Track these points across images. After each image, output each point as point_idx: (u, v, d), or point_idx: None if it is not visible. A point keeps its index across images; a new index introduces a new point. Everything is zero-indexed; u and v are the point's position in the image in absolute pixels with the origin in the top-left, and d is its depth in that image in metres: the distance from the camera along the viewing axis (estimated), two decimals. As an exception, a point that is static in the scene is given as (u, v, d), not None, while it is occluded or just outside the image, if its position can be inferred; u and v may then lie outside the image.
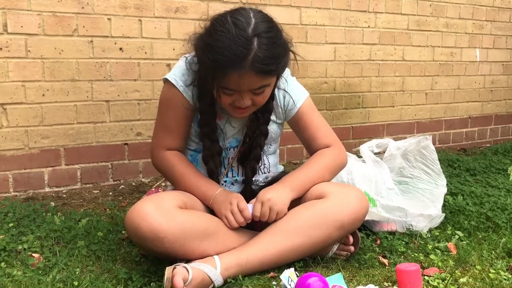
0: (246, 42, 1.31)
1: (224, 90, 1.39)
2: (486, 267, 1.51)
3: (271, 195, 1.46)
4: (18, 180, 2.25)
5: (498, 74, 3.93)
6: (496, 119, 4.02)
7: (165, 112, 1.56)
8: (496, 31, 3.82)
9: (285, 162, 2.95)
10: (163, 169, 1.59)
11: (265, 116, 1.57)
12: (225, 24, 1.33)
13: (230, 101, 1.42)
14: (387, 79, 3.32)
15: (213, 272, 1.33)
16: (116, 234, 1.74)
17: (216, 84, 1.38)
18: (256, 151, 1.59)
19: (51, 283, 1.34)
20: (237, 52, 1.30)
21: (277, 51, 1.36)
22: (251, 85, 1.38)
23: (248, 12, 1.38)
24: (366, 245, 1.67)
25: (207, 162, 1.55)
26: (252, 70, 1.33)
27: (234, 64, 1.31)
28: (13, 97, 2.18)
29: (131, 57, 2.41)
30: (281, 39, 1.39)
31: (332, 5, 2.99)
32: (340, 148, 1.64)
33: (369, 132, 3.29)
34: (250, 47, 1.31)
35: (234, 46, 1.30)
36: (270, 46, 1.34)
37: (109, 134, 2.42)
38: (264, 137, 1.59)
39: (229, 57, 1.31)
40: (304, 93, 1.64)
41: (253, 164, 1.60)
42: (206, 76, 1.40)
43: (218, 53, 1.31)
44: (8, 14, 2.12)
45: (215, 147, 1.54)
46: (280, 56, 1.38)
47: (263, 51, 1.32)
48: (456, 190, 2.32)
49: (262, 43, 1.32)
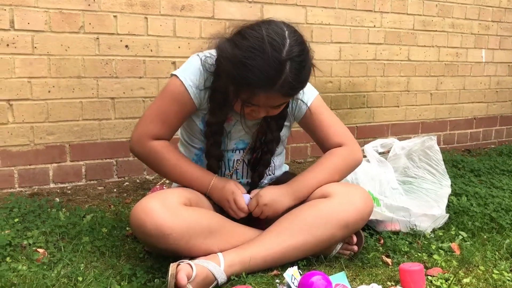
0: (280, 66, 1.29)
1: (246, 103, 1.38)
2: (489, 268, 1.51)
3: (269, 200, 1.48)
4: (23, 175, 2.26)
5: (503, 75, 3.91)
6: (501, 120, 4.00)
7: (167, 104, 1.50)
8: (502, 32, 3.80)
9: (289, 161, 2.95)
10: (150, 159, 1.52)
11: (279, 122, 1.57)
12: (261, 43, 1.29)
13: (248, 111, 1.42)
14: (392, 79, 3.31)
15: (216, 269, 1.34)
16: (121, 230, 1.75)
17: (239, 97, 1.37)
18: (266, 157, 1.59)
19: (56, 278, 1.34)
20: (270, 75, 1.29)
21: (305, 75, 1.37)
22: (274, 103, 1.40)
23: (283, 30, 1.33)
24: (370, 245, 1.67)
25: (208, 159, 1.56)
26: (280, 92, 1.33)
27: (264, 86, 1.31)
28: (19, 93, 2.19)
29: (137, 54, 2.42)
30: (309, 62, 1.38)
31: (337, 5, 2.99)
32: (352, 147, 1.62)
33: (374, 132, 3.29)
34: (282, 71, 1.30)
35: (268, 69, 1.28)
36: (300, 71, 1.33)
37: (114, 131, 2.43)
38: (276, 144, 1.60)
39: (261, 79, 1.29)
40: (313, 92, 1.63)
41: (262, 169, 1.61)
42: (230, 87, 1.38)
43: (250, 72, 1.29)
44: (15, 10, 2.13)
45: (215, 151, 1.54)
46: (306, 80, 1.40)
47: (293, 75, 1.31)
48: (460, 191, 2.32)
49: (293, 67, 1.31)
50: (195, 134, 1.59)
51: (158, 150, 1.50)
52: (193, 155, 1.62)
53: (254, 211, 1.50)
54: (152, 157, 1.52)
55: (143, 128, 1.52)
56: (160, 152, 1.50)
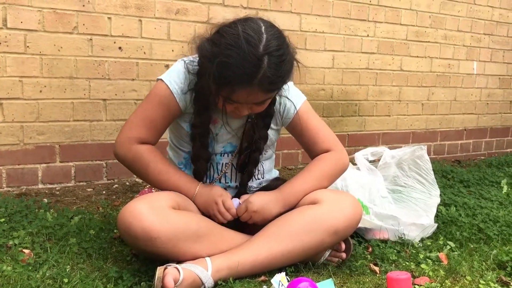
0: (257, 61, 1.29)
1: (227, 100, 1.38)
2: (476, 278, 1.52)
3: (258, 207, 1.48)
4: (12, 175, 2.24)
5: (494, 87, 3.95)
6: (491, 132, 4.04)
7: (153, 107, 1.50)
8: (493, 45, 3.84)
9: (280, 167, 2.96)
10: (135, 163, 1.50)
11: (265, 120, 1.57)
12: (237, 39, 1.29)
13: (231, 109, 1.42)
14: (384, 88, 3.33)
15: (204, 273, 1.33)
16: (108, 233, 1.74)
17: (220, 94, 1.37)
18: (255, 155, 1.58)
19: (41, 280, 1.33)
20: (248, 71, 1.29)
21: (285, 69, 1.36)
22: (256, 100, 1.38)
23: (259, 26, 1.34)
24: (358, 253, 1.68)
25: (195, 163, 1.54)
26: (259, 88, 1.33)
27: (243, 82, 1.31)
28: (10, 92, 2.18)
29: (130, 56, 2.41)
30: (289, 55, 1.38)
31: (332, 13, 3.01)
32: (340, 152, 1.63)
33: (365, 140, 3.30)
34: (260, 65, 1.30)
35: (245, 64, 1.28)
36: (279, 65, 1.33)
37: (104, 132, 2.41)
38: (264, 142, 1.58)
39: (239, 75, 1.29)
40: (301, 97, 1.64)
41: (251, 168, 1.60)
42: (210, 86, 1.38)
43: (228, 69, 1.29)
44: (9, 9, 2.12)
45: (203, 153, 1.53)
46: (286, 73, 1.38)
47: (272, 70, 1.31)
48: (449, 201, 2.33)
49: (271, 62, 1.31)
50: (183, 138, 1.59)
51: (143, 154, 1.49)
52: (181, 158, 1.62)
53: (242, 216, 1.49)
54: (137, 161, 1.50)
55: (128, 132, 1.50)
56: (145, 157, 1.49)
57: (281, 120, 1.63)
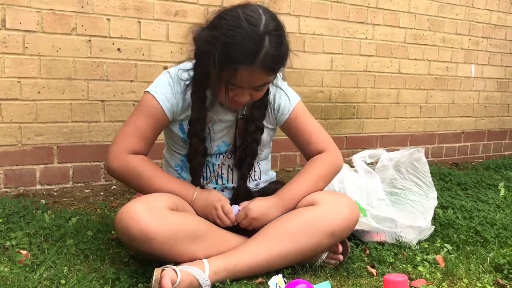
0: (259, 39, 1.32)
1: (228, 85, 1.38)
2: (473, 281, 1.52)
3: (258, 214, 1.48)
4: (9, 176, 2.24)
5: (492, 90, 3.96)
6: (489, 135, 4.05)
7: (142, 117, 1.51)
8: (491, 48, 3.86)
9: (278, 169, 2.96)
10: (128, 174, 1.49)
11: (261, 111, 1.56)
12: (238, 20, 1.32)
13: (231, 95, 1.42)
14: (382, 90, 3.34)
15: (201, 275, 1.33)
16: (106, 234, 1.74)
17: (222, 79, 1.37)
18: (252, 147, 1.57)
19: (38, 281, 1.33)
20: (251, 49, 1.31)
21: (284, 50, 1.39)
22: (258, 82, 1.39)
23: (257, 8, 1.38)
24: (355, 255, 1.68)
25: (192, 160, 1.53)
26: (262, 67, 1.34)
27: (246, 60, 1.32)
28: (8, 93, 2.18)
29: (129, 58, 2.41)
30: (286, 39, 1.41)
31: (330, 15, 3.01)
32: (334, 153, 1.64)
33: (363, 143, 3.31)
34: (262, 44, 1.32)
35: (247, 42, 1.30)
36: (279, 45, 1.36)
37: (103, 134, 2.41)
38: (261, 132, 1.57)
39: (243, 53, 1.31)
40: (295, 97, 1.65)
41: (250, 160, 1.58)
42: (209, 71, 1.38)
43: (231, 48, 1.31)
44: (7, 9, 2.12)
45: (200, 146, 1.52)
46: (286, 55, 1.41)
47: (273, 48, 1.33)
48: (447, 204, 2.34)
49: (272, 41, 1.34)
50: (176, 142, 1.60)
51: (135, 164, 1.48)
52: (178, 161, 1.62)
53: (242, 223, 1.49)
54: (130, 172, 1.48)
55: (120, 144, 1.50)
56: (138, 166, 1.48)
57: (275, 120, 1.63)
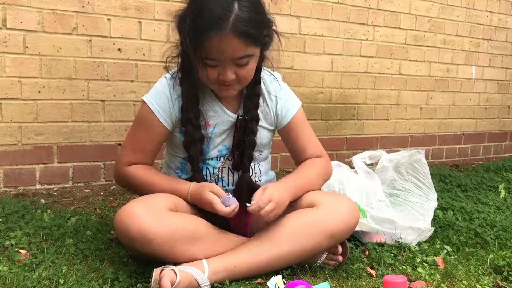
0: (227, 3, 1.31)
1: (206, 60, 1.37)
2: (472, 282, 1.52)
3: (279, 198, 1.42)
4: (9, 175, 2.24)
5: (493, 92, 3.96)
6: (490, 136, 4.05)
7: (138, 131, 1.55)
8: (492, 50, 3.85)
9: (278, 170, 2.96)
10: (128, 183, 1.56)
11: (253, 100, 1.55)
12: None
13: (214, 76, 1.40)
14: (382, 92, 3.34)
15: (200, 276, 1.33)
16: (105, 234, 1.74)
17: (198, 55, 1.36)
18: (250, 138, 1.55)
19: (37, 280, 1.33)
20: (217, 12, 1.30)
21: (259, 17, 1.37)
22: (234, 51, 1.35)
23: None
24: (355, 256, 1.68)
25: (189, 148, 1.52)
26: (233, 32, 1.31)
27: (214, 25, 1.30)
28: (9, 92, 2.18)
29: (129, 58, 2.41)
30: (263, 9, 1.40)
31: (331, 17, 3.01)
32: (328, 160, 1.68)
33: (363, 144, 3.31)
34: (230, 8, 1.31)
35: (214, 8, 1.30)
36: (251, 9, 1.34)
37: (103, 134, 2.41)
38: (256, 122, 1.56)
39: (209, 18, 1.30)
40: (297, 102, 1.65)
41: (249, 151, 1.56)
42: (188, 51, 1.37)
43: (198, 17, 1.31)
44: (8, 9, 2.12)
45: (197, 133, 1.51)
46: (262, 23, 1.38)
47: (244, 12, 1.32)
48: (447, 205, 2.33)
49: (243, 5, 1.32)
50: (176, 146, 1.60)
51: (132, 174, 1.53)
52: (177, 163, 1.63)
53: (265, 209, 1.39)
54: (129, 181, 1.55)
55: (121, 158, 1.57)
56: (135, 175, 1.53)
57: (276, 122, 1.63)
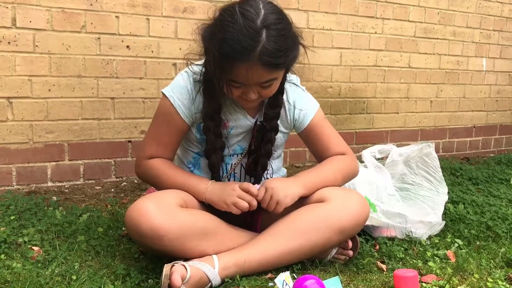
0: (255, 33, 1.29)
1: (231, 82, 1.37)
2: (484, 276, 1.51)
3: (276, 184, 1.45)
4: (21, 173, 2.26)
5: (504, 84, 3.92)
6: (501, 129, 4.01)
7: (159, 126, 1.55)
8: (503, 41, 3.81)
9: (288, 165, 2.96)
10: (147, 177, 1.57)
11: (271, 123, 1.55)
12: (234, 15, 1.31)
13: (238, 94, 1.41)
14: (392, 85, 3.32)
15: (211, 271, 1.34)
16: (116, 230, 1.75)
17: (224, 76, 1.36)
18: (263, 160, 1.58)
19: (50, 277, 1.34)
20: (245, 44, 1.28)
21: (286, 43, 1.35)
22: (259, 78, 1.36)
23: (258, 2, 1.35)
24: (365, 250, 1.67)
25: (210, 156, 1.53)
26: (260, 62, 1.31)
27: (241, 56, 1.29)
28: (19, 91, 2.20)
29: (138, 55, 2.42)
30: (290, 31, 1.38)
31: (339, 10, 3.00)
32: (354, 157, 1.64)
33: (373, 138, 3.29)
34: (258, 39, 1.29)
35: (242, 38, 1.28)
36: (279, 38, 1.32)
37: (113, 131, 2.43)
38: (275, 133, 1.57)
39: (237, 49, 1.29)
40: (315, 104, 1.64)
41: (260, 173, 1.59)
42: (213, 68, 1.37)
43: (226, 44, 1.30)
44: (18, 8, 2.14)
45: (218, 142, 1.52)
46: (289, 49, 1.36)
47: (272, 43, 1.30)
48: (458, 199, 2.32)
49: (271, 35, 1.30)
50: (191, 141, 1.61)
51: (151, 167, 1.54)
52: (190, 158, 1.63)
53: (264, 198, 1.43)
54: (148, 174, 1.56)
55: (141, 152, 1.58)
56: (153, 168, 1.54)
57: (293, 126, 1.63)
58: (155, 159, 1.55)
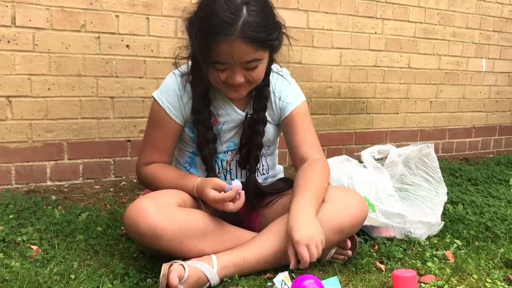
0: (235, 8, 1.31)
1: (215, 64, 1.37)
2: (483, 277, 1.51)
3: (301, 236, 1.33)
4: (20, 172, 2.26)
5: (503, 85, 3.92)
6: (500, 130, 4.01)
7: (153, 131, 1.57)
8: (503, 42, 3.81)
9: (286, 164, 2.96)
10: (146, 183, 1.60)
11: (260, 114, 1.56)
12: None
13: (224, 78, 1.40)
14: (392, 85, 3.32)
15: (209, 270, 1.34)
16: (115, 229, 1.75)
17: (208, 59, 1.36)
18: (255, 152, 1.58)
19: (48, 276, 1.34)
20: (226, 18, 1.30)
21: (267, 21, 1.36)
22: (242, 56, 1.35)
23: None
24: (364, 250, 1.67)
25: (202, 149, 1.53)
26: (241, 36, 1.31)
27: (222, 31, 1.30)
28: (19, 90, 2.20)
29: (137, 54, 2.42)
30: (272, 12, 1.40)
31: (339, 10, 3.00)
32: (325, 159, 1.61)
33: (372, 138, 3.29)
34: (239, 13, 1.31)
35: (222, 13, 1.30)
36: (259, 14, 1.34)
37: (112, 130, 2.43)
38: (261, 136, 1.57)
39: (217, 24, 1.30)
40: (301, 96, 1.64)
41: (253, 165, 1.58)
42: (198, 55, 1.38)
43: (207, 21, 1.31)
44: (17, 7, 2.14)
45: (209, 134, 1.52)
46: (271, 27, 1.37)
47: (252, 17, 1.32)
48: (457, 199, 2.32)
49: (251, 10, 1.32)
50: (185, 140, 1.61)
51: (148, 173, 1.56)
52: (186, 157, 1.64)
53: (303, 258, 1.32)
54: (146, 181, 1.58)
55: (139, 159, 1.61)
56: (149, 174, 1.56)
57: (278, 114, 1.62)
58: (151, 165, 1.56)
